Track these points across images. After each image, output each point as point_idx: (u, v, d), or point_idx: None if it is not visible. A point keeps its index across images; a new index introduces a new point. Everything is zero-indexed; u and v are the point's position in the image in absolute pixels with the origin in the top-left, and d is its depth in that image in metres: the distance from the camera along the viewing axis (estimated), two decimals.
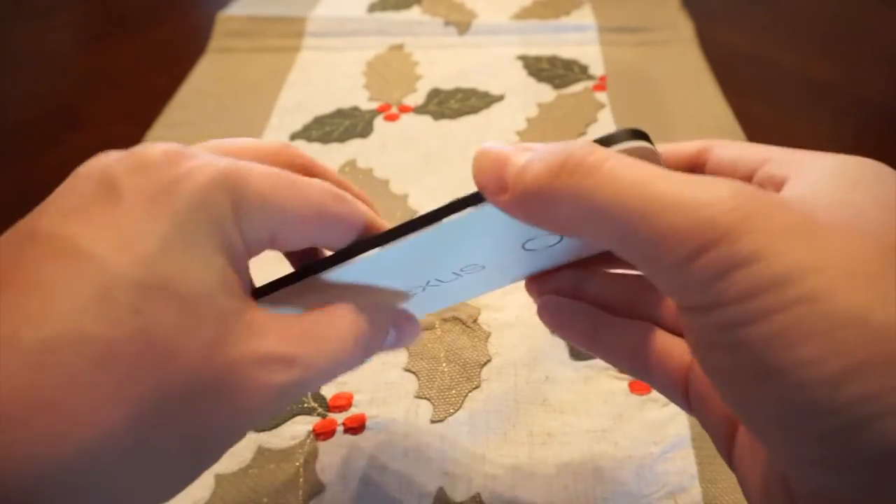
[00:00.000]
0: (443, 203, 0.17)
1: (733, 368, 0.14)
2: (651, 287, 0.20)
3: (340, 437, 0.31)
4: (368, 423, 0.32)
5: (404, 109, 0.53)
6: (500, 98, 0.53)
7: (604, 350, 0.22)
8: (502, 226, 0.18)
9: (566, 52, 0.58)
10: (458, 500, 0.29)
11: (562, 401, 0.32)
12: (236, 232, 0.17)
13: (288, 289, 0.20)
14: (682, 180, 0.14)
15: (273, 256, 0.21)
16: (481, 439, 0.31)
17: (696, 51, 0.58)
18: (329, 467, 0.30)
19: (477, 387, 0.33)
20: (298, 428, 0.31)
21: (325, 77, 0.57)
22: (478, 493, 0.29)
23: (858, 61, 0.57)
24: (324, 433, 0.31)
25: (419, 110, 0.53)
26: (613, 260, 0.23)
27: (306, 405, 0.32)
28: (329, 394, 0.33)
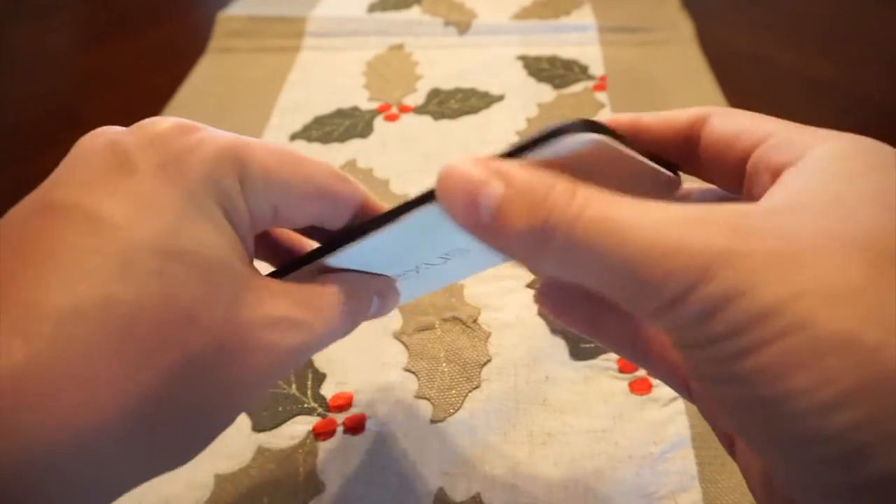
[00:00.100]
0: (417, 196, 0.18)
1: (731, 399, 0.14)
2: None
3: (340, 437, 0.31)
4: (368, 423, 0.31)
5: (404, 109, 0.53)
6: (500, 98, 0.53)
7: (604, 337, 0.22)
8: None
9: (566, 52, 0.58)
10: (458, 500, 0.29)
11: (562, 401, 0.32)
12: (243, 203, 0.18)
13: (287, 278, 0.20)
14: (659, 221, 0.14)
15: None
16: (481, 439, 0.31)
17: (696, 51, 0.58)
18: (329, 467, 0.30)
19: (477, 387, 0.33)
20: (298, 428, 0.31)
21: (325, 77, 0.57)
22: (478, 493, 0.29)
23: (858, 61, 0.57)
24: (324, 433, 0.31)
25: (419, 110, 0.53)
26: None
27: (306, 405, 0.32)
28: (329, 394, 0.33)
